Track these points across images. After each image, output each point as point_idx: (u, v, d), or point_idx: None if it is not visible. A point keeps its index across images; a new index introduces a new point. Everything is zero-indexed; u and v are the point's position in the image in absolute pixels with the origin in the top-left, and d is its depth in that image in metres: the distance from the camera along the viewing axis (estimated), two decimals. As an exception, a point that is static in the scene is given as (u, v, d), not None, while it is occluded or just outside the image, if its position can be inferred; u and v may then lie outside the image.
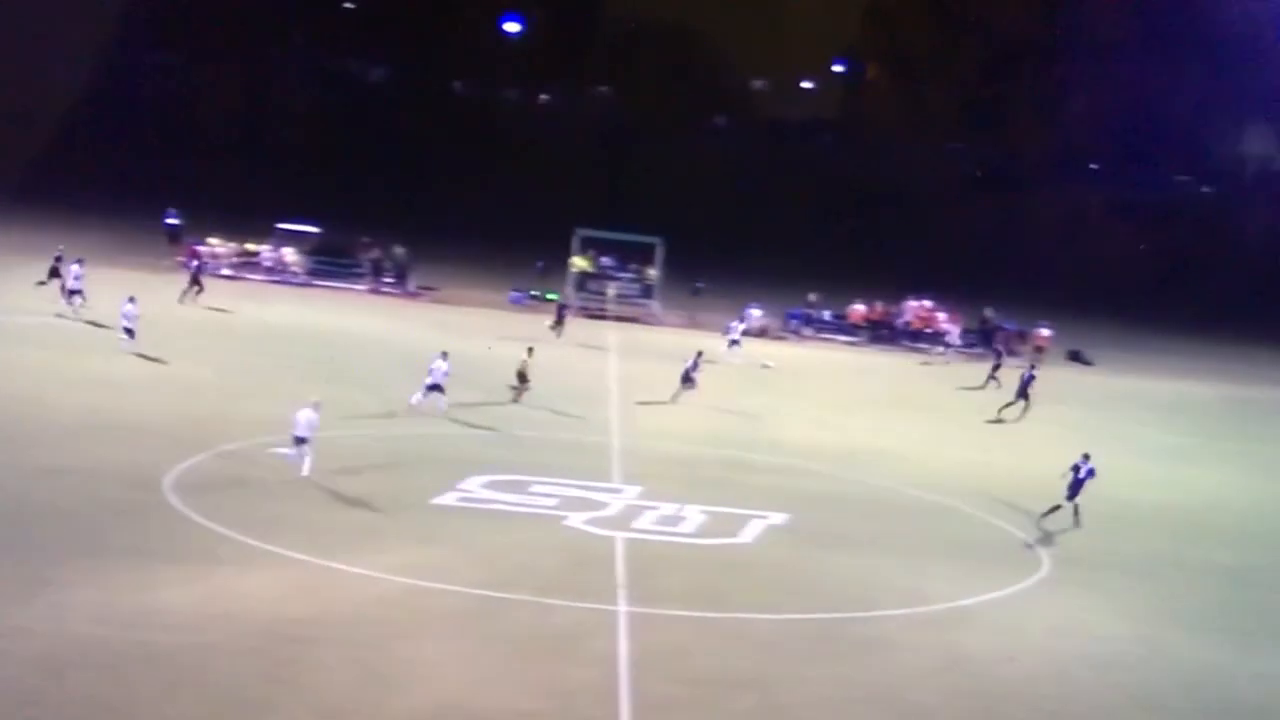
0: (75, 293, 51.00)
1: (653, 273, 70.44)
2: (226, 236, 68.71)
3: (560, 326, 58.03)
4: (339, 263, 69.35)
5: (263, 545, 28.55)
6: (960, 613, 29.46)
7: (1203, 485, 45.10)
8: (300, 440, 33.75)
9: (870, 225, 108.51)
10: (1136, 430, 52.32)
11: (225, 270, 65.97)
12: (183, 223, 71.46)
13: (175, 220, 71.66)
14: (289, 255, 68.31)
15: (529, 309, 67.91)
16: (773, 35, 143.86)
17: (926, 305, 71.44)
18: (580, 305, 68.89)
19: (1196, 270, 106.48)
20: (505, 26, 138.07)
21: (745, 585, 29.86)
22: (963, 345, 69.42)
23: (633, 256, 71.14)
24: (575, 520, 33.00)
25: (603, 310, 68.68)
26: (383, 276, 69.15)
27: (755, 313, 66.86)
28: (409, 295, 68.08)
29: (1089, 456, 36.58)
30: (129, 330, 46.05)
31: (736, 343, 56.66)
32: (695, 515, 34.30)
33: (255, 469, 34.46)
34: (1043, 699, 25.17)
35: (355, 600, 26.29)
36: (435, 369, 41.99)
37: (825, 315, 71.10)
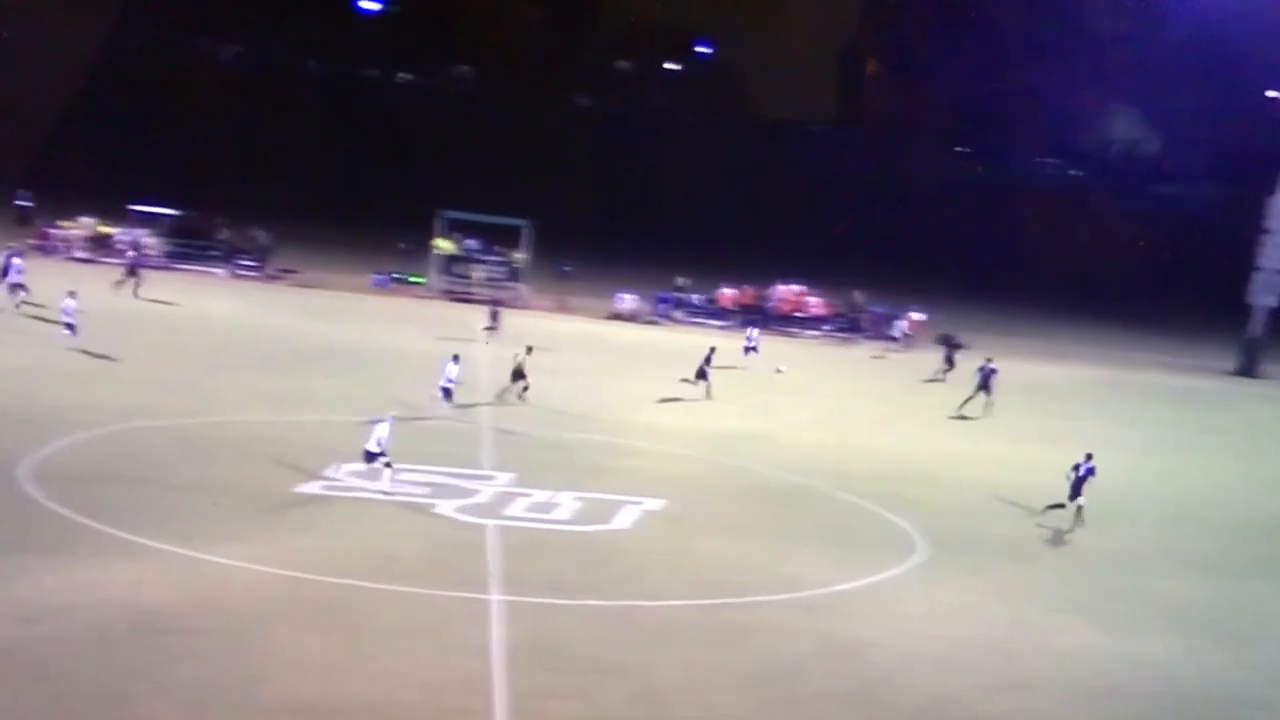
0: (17, 286, 50.38)
1: (519, 256, 70.25)
2: (80, 218, 67.35)
3: (495, 327, 56.37)
4: (195, 245, 68.29)
5: (123, 535, 28.05)
6: (837, 597, 29.72)
7: (1063, 470, 45.72)
8: (372, 456, 33.29)
9: (742, 208, 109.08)
10: (1007, 413, 53.05)
11: (78, 253, 64.72)
12: (34, 205, 70.02)
13: (26, 202, 70.18)
14: (145, 238, 67.07)
15: (391, 291, 67.74)
16: (636, 16, 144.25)
17: (796, 289, 72.10)
18: (444, 288, 68.71)
19: (1063, 253, 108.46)
20: (362, 3, 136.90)
21: (620, 572, 29.88)
22: (833, 329, 70.34)
23: (499, 239, 70.91)
24: (445, 508, 32.80)
25: (469, 294, 68.38)
26: (240, 259, 68.24)
27: (626, 298, 67.05)
28: (269, 278, 67.31)
29: (1090, 456, 37.13)
30: (70, 325, 45.26)
31: (753, 349, 56.82)
32: (568, 502, 34.27)
33: (114, 457, 33.89)
34: (919, 682, 25.45)
35: (219, 590, 25.90)
36: (447, 372, 41.91)
37: (695, 299, 71.44)
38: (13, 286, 50.26)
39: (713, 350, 50.61)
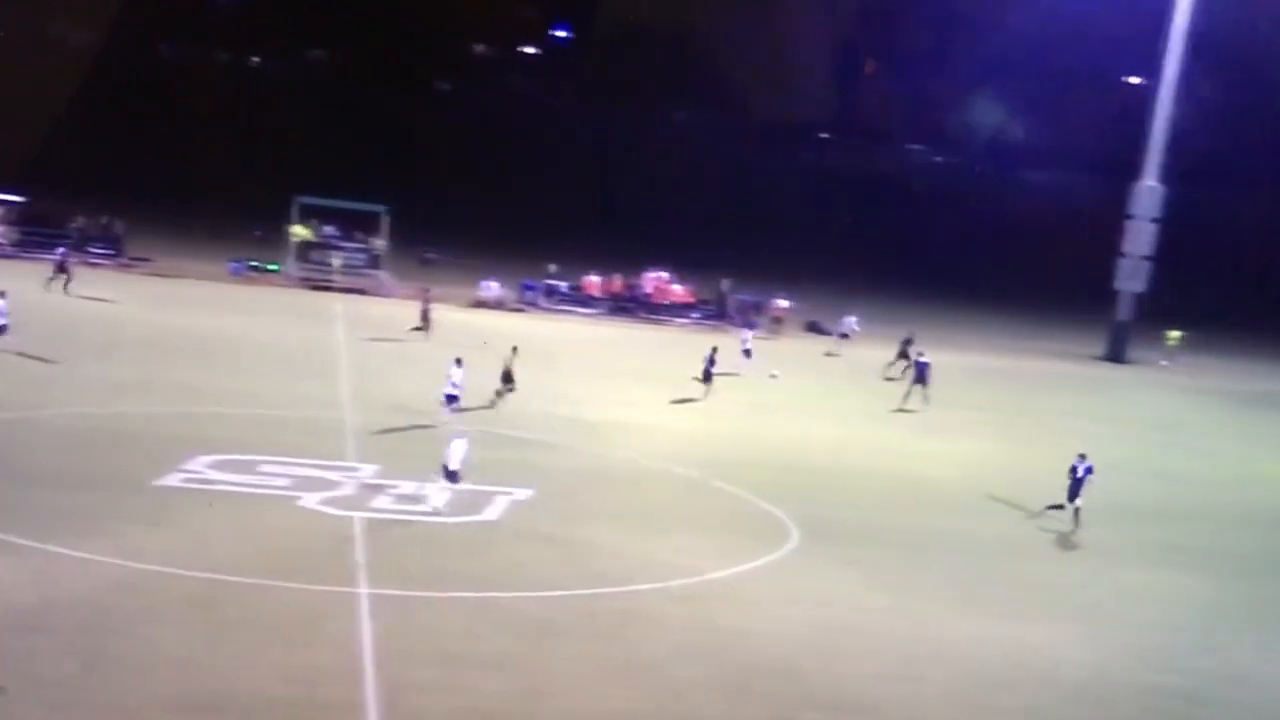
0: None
1: (379, 242, 69.74)
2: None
3: (428, 325, 55.72)
4: (44, 232, 66.92)
5: (-26, 532, 27.54)
6: (714, 585, 29.88)
7: (948, 456, 46.47)
8: (454, 475, 32.76)
9: (608, 195, 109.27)
10: (879, 401, 53.67)
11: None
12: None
13: None
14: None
15: (248, 280, 67.05)
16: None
17: (663, 277, 72.37)
18: (302, 276, 68.12)
19: (931, 239, 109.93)
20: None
21: (492, 563, 29.77)
22: (701, 317, 70.76)
23: (358, 226, 70.34)
24: (310, 500, 32.50)
25: (328, 281, 67.79)
26: (91, 247, 67.06)
27: (491, 285, 66.95)
28: (123, 266, 66.26)
29: (1085, 456, 37.48)
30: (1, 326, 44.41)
31: (749, 351, 56.62)
32: (437, 493, 34.10)
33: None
34: (798, 671, 25.61)
35: (79, 587, 25.45)
36: (451, 377, 41.36)
37: (562, 287, 71.40)
38: None
39: (715, 350, 50.97)
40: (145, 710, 21.09)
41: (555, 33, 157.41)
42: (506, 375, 44.58)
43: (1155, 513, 41.22)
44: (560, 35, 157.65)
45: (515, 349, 45.64)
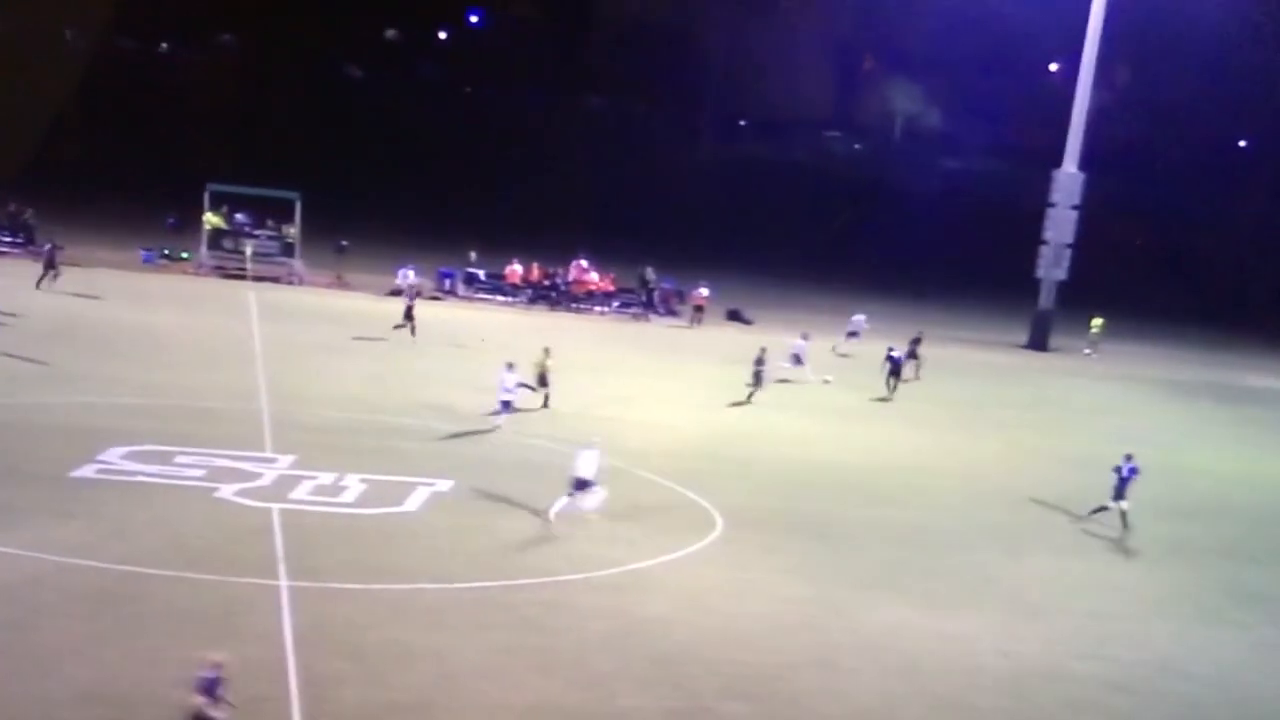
0: None
1: (292, 230, 69.31)
2: None
3: (411, 322, 54.75)
4: None
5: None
6: (636, 576, 30.10)
7: (870, 444, 46.86)
8: (583, 484, 32.69)
9: (526, 181, 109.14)
10: (799, 388, 53.97)
11: None
12: None
13: None
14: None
15: (161, 269, 66.66)
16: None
17: (582, 265, 72.41)
18: (214, 265, 67.70)
19: (850, 226, 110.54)
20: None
21: (413, 554, 29.87)
22: (622, 305, 70.93)
23: (271, 213, 69.85)
24: (226, 492, 32.46)
25: (242, 270, 67.37)
26: (2, 236, 66.36)
27: (408, 272, 66.64)
28: (33, 255, 65.50)
29: (1131, 456, 37.69)
30: None
31: (800, 360, 56.10)
32: (355, 484, 34.10)
33: None
34: (723, 662, 25.86)
35: (-7, 580, 25.38)
36: (504, 382, 41.49)
37: (481, 275, 71.30)
38: None
39: (764, 350, 51.09)
40: (57, 704, 21.09)
41: (469, 18, 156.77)
42: (541, 378, 44.68)
43: (1077, 501, 41.65)
44: (473, 20, 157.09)
45: (547, 350, 45.79)
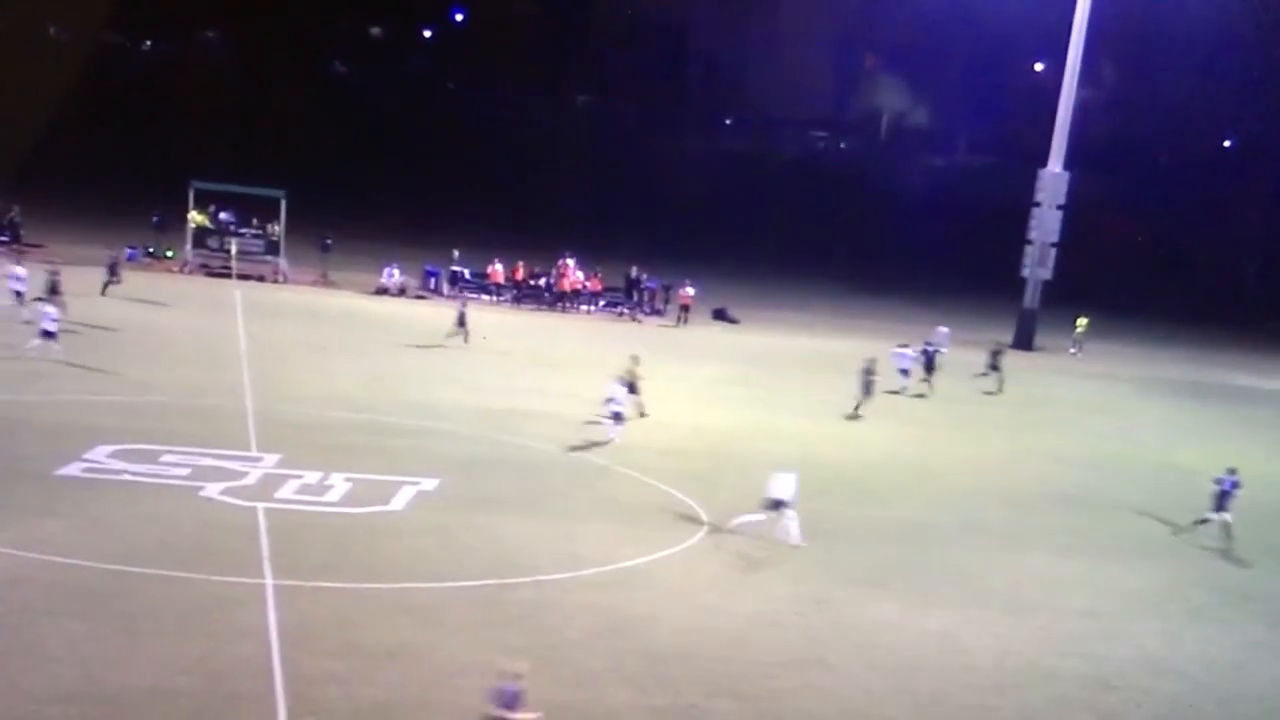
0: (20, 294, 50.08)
1: (277, 228, 69.33)
2: None
3: (464, 329, 55.27)
4: None
5: None
6: (623, 574, 30.13)
7: (862, 441, 47.00)
8: (778, 504, 32.67)
9: (510, 179, 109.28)
10: (787, 387, 54.12)
11: None
12: None
13: None
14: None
15: (145, 266, 66.69)
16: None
17: (568, 264, 72.54)
18: (200, 263, 67.77)
19: (837, 225, 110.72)
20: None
21: (399, 553, 29.87)
22: (608, 304, 71.12)
23: (256, 211, 69.87)
24: (212, 490, 32.46)
25: (227, 268, 67.40)
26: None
27: (394, 270, 66.87)
28: (18, 254, 65.51)
29: (1234, 470, 37.72)
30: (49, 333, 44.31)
31: (906, 372, 56.38)
32: (341, 483, 34.12)
33: None
34: (711, 660, 25.88)
35: (-22, 579, 25.39)
36: (615, 395, 41.56)
37: (466, 274, 71.41)
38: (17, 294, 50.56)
39: (873, 361, 50.99)
40: (43, 703, 21.04)
41: (454, 15, 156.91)
42: (631, 386, 44.36)
43: (1069, 499, 41.86)
44: (458, 19, 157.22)
45: (635, 359, 45.73)
